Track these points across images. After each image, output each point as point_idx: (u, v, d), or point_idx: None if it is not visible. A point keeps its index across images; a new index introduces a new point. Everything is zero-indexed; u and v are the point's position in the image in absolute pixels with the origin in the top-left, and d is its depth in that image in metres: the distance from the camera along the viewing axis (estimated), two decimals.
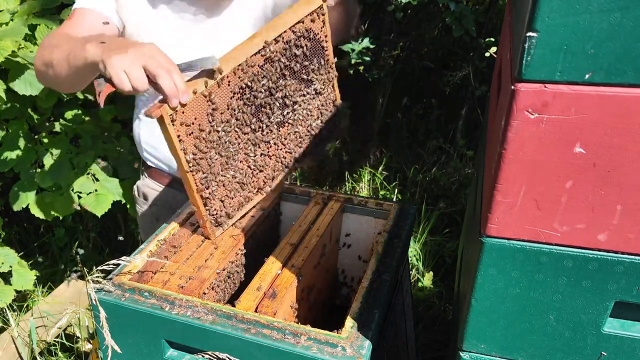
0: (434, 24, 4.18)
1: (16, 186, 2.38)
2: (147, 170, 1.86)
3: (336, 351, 1.05)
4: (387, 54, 4.28)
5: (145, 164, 1.86)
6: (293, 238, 1.41)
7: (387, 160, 3.92)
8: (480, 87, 4.06)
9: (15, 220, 3.22)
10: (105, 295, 1.20)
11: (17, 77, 2.10)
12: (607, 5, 0.67)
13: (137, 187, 1.91)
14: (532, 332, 0.95)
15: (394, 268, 1.32)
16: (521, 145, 0.79)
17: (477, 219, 1.00)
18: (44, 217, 2.37)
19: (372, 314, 1.16)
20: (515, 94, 0.75)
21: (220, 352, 1.13)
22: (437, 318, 2.67)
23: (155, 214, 1.88)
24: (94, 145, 2.50)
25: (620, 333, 0.91)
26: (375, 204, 1.59)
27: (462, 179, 3.72)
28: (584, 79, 0.72)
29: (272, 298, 1.21)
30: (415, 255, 3.04)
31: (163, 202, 1.85)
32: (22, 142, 2.39)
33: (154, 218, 1.88)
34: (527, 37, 0.71)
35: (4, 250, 2.34)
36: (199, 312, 1.15)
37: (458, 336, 1.03)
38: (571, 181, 0.79)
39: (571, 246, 0.85)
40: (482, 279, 0.92)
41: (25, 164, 2.37)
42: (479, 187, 1.20)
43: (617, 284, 0.86)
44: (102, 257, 3.17)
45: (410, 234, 1.54)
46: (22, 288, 2.33)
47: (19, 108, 2.38)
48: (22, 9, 2.23)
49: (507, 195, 0.83)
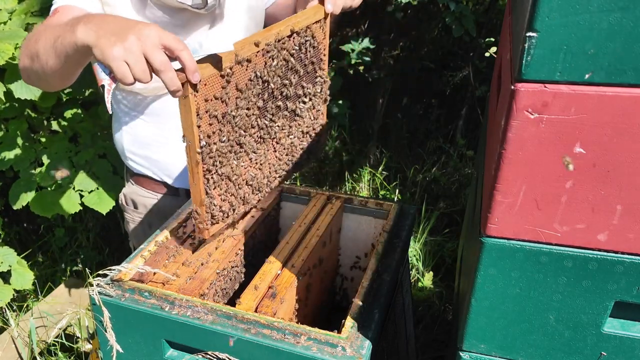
0: (434, 24, 4.18)
1: (15, 185, 2.38)
2: (133, 178, 1.81)
3: (336, 351, 1.05)
4: (387, 54, 4.28)
5: (130, 172, 1.81)
6: (293, 238, 1.41)
7: (387, 160, 3.92)
8: (480, 87, 4.06)
9: (15, 220, 3.22)
10: (105, 295, 1.20)
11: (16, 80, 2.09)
12: (607, 5, 0.67)
13: (124, 196, 1.86)
14: (532, 332, 0.95)
15: (394, 268, 1.32)
16: (521, 145, 0.79)
17: (477, 219, 1.00)
18: (44, 214, 2.37)
19: (372, 314, 1.16)
20: (515, 94, 0.75)
21: (220, 352, 1.13)
22: (437, 318, 2.67)
23: (147, 221, 1.84)
24: (93, 143, 2.51)
25: (620, 333, 0.91)
26: (375, 204, 1.59)
27: (462, 179, 3.72)
28: (584, 79, 0.72)
29: (272, 298, 1.21)
30: (415, 255, 3.04)
31: (155, 209, 1.82)
32: (21, 141, 2.39)
33: (146, 225, 1.85)
34: (527, 37, 0.71)
35: (4, 250, 2.34)
36: (199, 312, 1.15)
37: (458, 336, 1.03)
38: (571, 181, 0.79)
39: (571, 246, 0.85)
40: (482, 279, 0.92)
41: (24, 162, 2.37)
42: (479, 187, 1.20)
43: (617, 284, 0.86)
44: (102, 257, 3.17)
45: (410, 234, 1.54)
46: (21, 288, 2.33)
47: (18, 107, 2.38)
48: (20, 8, 2.23)
49: (507, 195, 0.83)
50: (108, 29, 1.04)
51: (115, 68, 1.01)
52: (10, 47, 1.97)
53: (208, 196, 1.23)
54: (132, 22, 1.05)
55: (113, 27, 1.04)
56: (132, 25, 1.04)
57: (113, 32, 1.03)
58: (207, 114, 1.14)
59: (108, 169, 2.48)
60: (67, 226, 3.25)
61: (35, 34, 1.28)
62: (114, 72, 1.02)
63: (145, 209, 1.83)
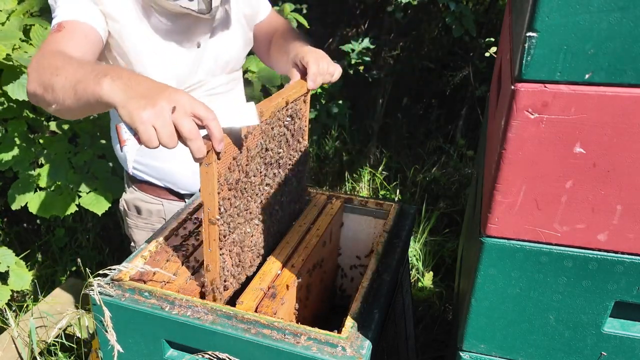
0: (434, 24, 4.18)
1: (14, 186, 2.38)
2: (136, 184, 1.80)
3: (336, 351, 1.05)
4: (387, 54, 4.28)
5: (133, 178, 1.80)
6: (293, 238, 1.41)
7: (387, 160, 3.92)
8: (480, 87, 4.07)
9: (15, 220, 3.22)
10: (105, 295, 1.20)
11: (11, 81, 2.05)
12: (607, 5, 0.67)
13: (126, 202, 1.84)
14: (532, 332, 0.95)
15: (394, 268, 1.32)
16: (521, 145, 0.79)
17: (477, 219, 1.00)
18: (42, 215, 2.37)
19: (372, 314, 1.16)
20: (515, 94, 0.75)
21: (220, 352, 1.13)
22: (437, 318, 2.67)
23: (152, 226, 1.84)
24: (92, 144, 2.50)
25: (620, 333, 0.91)
26: (375, 204, 1.59)
27: (462, 179, 3.72)
28: (584, 79, 0.72)
29: (272, 298, 1.21)
30: (415, 255, 3.04)
31: (160, 213, 1.82)
32: (20, 142, 2.38)
33: (150, 231, 1.85)
34: (527, 37, 0.71)
35: (2, 251, 2.34)
36: (199, 312, 1.15)
37: (458, 336, 1.03)
38: (571, 181, 0.80)
39: (571, 246, 0.85)
40: (482, 279, 0.92)
41: (23, 163, 2.37)
42: (479, 187, 1.20)
43: (617, 284, 0.86)
44: (102, 257, 3.17)
45: (410, 234, 1.54)
46: (19, 288, 2.33)
47: (16, 108, 2.38)
48: (19, 8, 2.22)
49: (507, 195, 0.83)
50: (138, 90, 1.01)
51: (142, 132, 0.97)
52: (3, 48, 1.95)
53: (222, 261, 1.22)
54: (162, 86, 1.03)
55: (142, 90, 1.01)
56: (163, 89, 1.01)
57: (143, 94, 1.00)
58: (226, 180, 1.15)
59: (107, 170, 2.48)
60: (67, 226, 3.25)
61: (51, 63, 1.22)
62: (140, 135, 0.98)
63: (150, 214, 1.82)
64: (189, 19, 1.52)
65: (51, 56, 1.24)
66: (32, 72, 1.24)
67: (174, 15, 1.51)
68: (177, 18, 1.52)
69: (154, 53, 1.52)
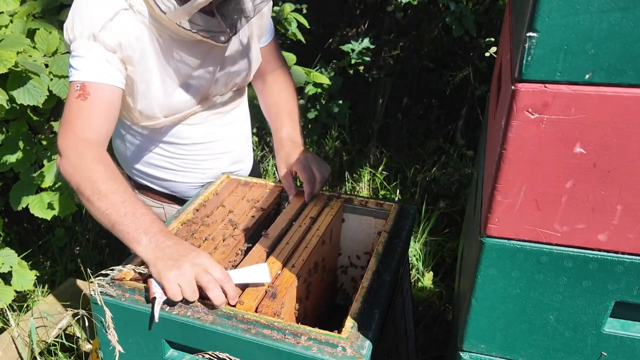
0: (434, 24, 4.18)
1: (16, 186, 2.37)
2: (136, 188, 1.79)
3: (336, 351, 1.05)
4: (387, 54, 4.28)
5: (134, 182, 1.79)
6: (293, 238, 1.41)
7: (387, 160, 3.92)
8: (480, 87, 4.07)
9: (15, 221, 3.22)
10: (106, 295, 1.20)
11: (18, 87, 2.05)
12: (607, 5, 0.67)
13: None
14: (532, 332, 0.95)
15: (394, 268, 1.32)
16: (521, 145, 0.79)
17: (477, 219, 1.00)
18: (44, 216, 2.37)
19: (372, 314, 1.16)
20: (515, 94, 0.75)
21: (220, 352, 1.13)
22: (437, 318, 2.67)
23: None
24: None
25: (620, 333, 0.91)
26: (376, 204, 1.59)
27: (462, 179, 3.72)
28: (584, 79, 0.72)
29: (272, 298, 1.21)
30: (415, 255, 3.04)
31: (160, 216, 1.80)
32: (22, 143, 2.38)
33: None
34: (527, 37, 0.71)
35: (5, 251, 2.34)
36: (199, 312, 1.15)
37: (458, 336, 1.03)
38: (571, 181, 0.80)
39: (571, 246, 0.85)
40: (482, 279, 0.92)
41: (25, 164, 2.36)
42: (479, 187, 1.20)
43: (617, 284, 0.86)
44: (102, 257, 3.17)
45: (410, 234, 1.54)
46: (22, 289, 2.33)
47: (18, 109, 2.37)
48: (22, 10, 2.22)
49: (507, 195, 0.83)
50: (166, 253, 1.19)
51: (168, 289, 1.15)
52: (13, 55, 1.94)
53: None
54: (187, 250, 1.20)
55: (170, 252, 1.19)
56: (187, 252, 1.19)
57: (170, 256, 1.18)
58: None
59: None
60: (67, 226, 3.24)
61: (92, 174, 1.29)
62: (167, 291, 1.15)
63: None
64: (205, 45, 1.49)
65: (92, 164, 1.31)
66: (68, 160, 1.33)
67: (191, 44, 1.47)
68: (194, 46, 1.48)
69: (165, 92, 1.51)
